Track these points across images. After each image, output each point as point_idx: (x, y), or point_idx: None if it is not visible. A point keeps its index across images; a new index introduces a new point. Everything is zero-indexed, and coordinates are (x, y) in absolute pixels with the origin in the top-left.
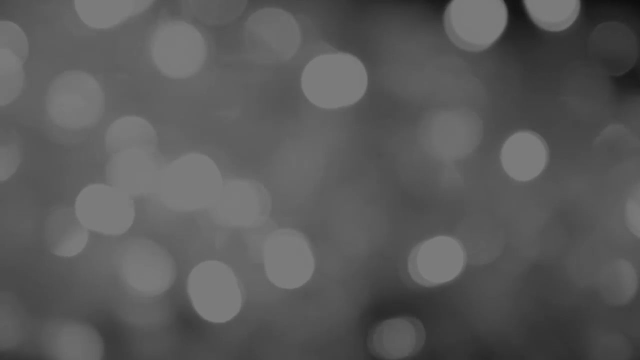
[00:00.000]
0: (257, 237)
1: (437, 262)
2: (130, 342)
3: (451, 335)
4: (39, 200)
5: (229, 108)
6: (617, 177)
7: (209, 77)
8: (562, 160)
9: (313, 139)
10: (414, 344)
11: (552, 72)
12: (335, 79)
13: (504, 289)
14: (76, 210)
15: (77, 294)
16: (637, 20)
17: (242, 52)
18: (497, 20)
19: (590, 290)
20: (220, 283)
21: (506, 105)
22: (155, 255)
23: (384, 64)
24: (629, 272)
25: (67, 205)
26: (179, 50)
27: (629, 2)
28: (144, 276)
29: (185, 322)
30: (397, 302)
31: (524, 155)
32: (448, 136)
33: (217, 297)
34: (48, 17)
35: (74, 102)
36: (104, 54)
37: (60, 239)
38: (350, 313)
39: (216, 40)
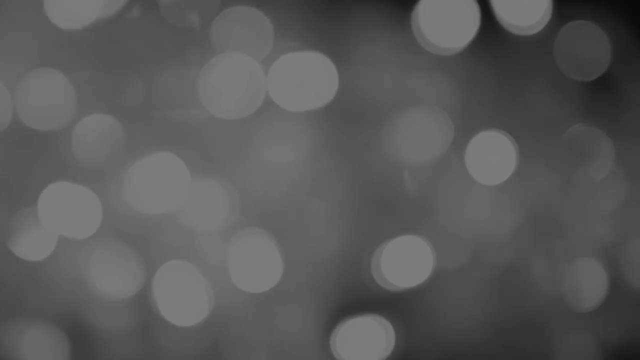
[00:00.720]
0: (225, 239)
1: (405, 265)
2: (97, 345)
3: (420, 338)
4: (5, 201)
5: (198, 107)
6: (586, 178)
7: (178, 76)
8: (531, 162)
9: (282, 140)
10: (383, 347)
11: (522, 73)
12: (306, 78)
13: (472, 292)
14: (42, 211)
15: (43, 297)
16: (608, 21)
17: (212, 50)
18: (468, 21)
19: (559, 293)
20: (187, 286)
21: (476, 106)
22: (122, 258)
23: (354, 64)
24: (599, 274)
25: (33, 206)
26: (147, 48)
27: (600, 2)
28: (111, 279)
29: (152, 325)
30: (365, 305)
31: (493, 157)
32: (417, 137)
33: (184, 300)
34: (14, 14)
35: (40, 100)
36: (72, 52)
37: (26, 241)
38: (318, 316)
39: (186, 39)
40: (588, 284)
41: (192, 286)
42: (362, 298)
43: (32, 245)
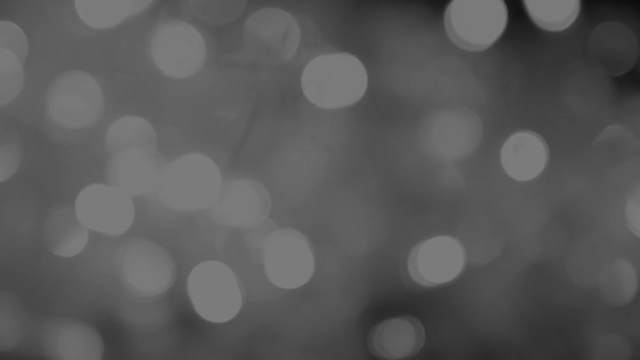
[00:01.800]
0: (257, 237)
1: (437, 262)
2: (130, 342)
3: (451, 335)
4: (39, 200)
5: (229, 108)
6: (617, 176)
7: (209, 77)
8: (562, 160)
9: (314, 138)
10: (414, 344)
11: (552, 72)
12: (336, 79)
13: (503, 289)
14: (76, 210)
15: (77, 294)
16: (637, 20)
17: (241, 52)
18: (497, 20)
19: (590, 290)
20: (220, 283)
21: (506, 106)
22: (155, 255)
23: (384, 63)
24: (629, 271)
25: (67, 205)
26: (178, 50)
27: (628, 2)
28: (144, 276)
29: (185, 322)
30: (397, 302)
31: (524, 155)
32: (448, 136)
33: (217, 297)
34: (48, 16)
35: (74, 102)
36: (104, 53)
37: (60, 239)
38: (350, 313)
39: (216, 40)
40: (618, 280)
41: (225, 283)
42: (394, 294)
43: (66, 244)
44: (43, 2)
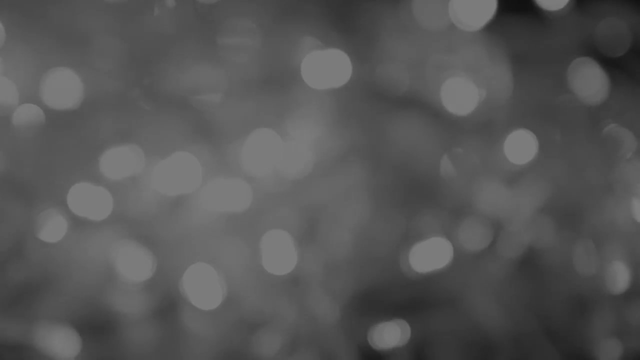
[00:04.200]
0: (247, 221)
1: (427, 252)
2: (115, 329)
3: (443, 325)
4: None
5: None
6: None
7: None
8: (552, 153)
9: (301, 130)
10: (405, 335)
11: (546, 67)
12: (325, 74)
13: (493, 282)
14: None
15: (58, 283)
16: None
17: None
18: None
19: (582, 281)
20: (208, 270)
21: (498, 99)
22: (140, 243)
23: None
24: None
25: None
26: (166, 38)
27: None
28: (129, 264)
29: (173, 308)
30: (387, 292)
31: (517, 141)
32: (438, 128)
33: (205, 284)
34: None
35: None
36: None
37: (45, 228)
38: (340, 300)
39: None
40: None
41: (213, 270)
42: (383, 286)
43: (52, 232)
44: None
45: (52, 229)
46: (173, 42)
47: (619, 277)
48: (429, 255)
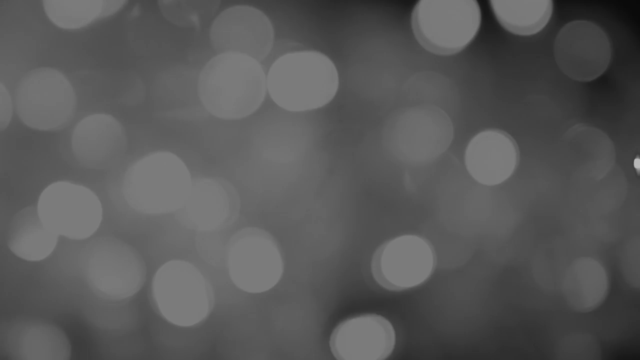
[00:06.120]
0: (225, 239)
1: (405, 265)
2: (97, 345)
3: (420, 338)
4: (5, 201)
5: (198, 107)
6: (587, 178)
7: (178, 76)
8: (531, 162)
9: (282, 140)
10: (383, 347)
11: (522, 73)
12: (306, 78)
13: (472, 293)
14: (42, 211)
15: (43, 297)
16: (608, 21)
17: (212, 50)
18: (468, 21)
19: (559, 293)
20: (187, 286)
21: (476, 106)
22: (122, 258)
23: (354, 63)
24: (599, 274)
25: (33, 206)
26: (147, 48)
27: (600, 2)
28: (111, 279)
29: (152, 325)
30: (365, 305)
31: (493, 156)
32: (417, 137)
33: (184, 300)
34: (14, 14)
35: (40, 100)
36: (72, 52)
37: (26, 241)
38: (318, 316)
39: (186, 38)
40: (588, 284)
41: (192, 286)
42: (362, 298)
43: (32, 245)
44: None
45: (34, 243)
46: (144, 57)
47: (592, 294)
48: (408, 271)
